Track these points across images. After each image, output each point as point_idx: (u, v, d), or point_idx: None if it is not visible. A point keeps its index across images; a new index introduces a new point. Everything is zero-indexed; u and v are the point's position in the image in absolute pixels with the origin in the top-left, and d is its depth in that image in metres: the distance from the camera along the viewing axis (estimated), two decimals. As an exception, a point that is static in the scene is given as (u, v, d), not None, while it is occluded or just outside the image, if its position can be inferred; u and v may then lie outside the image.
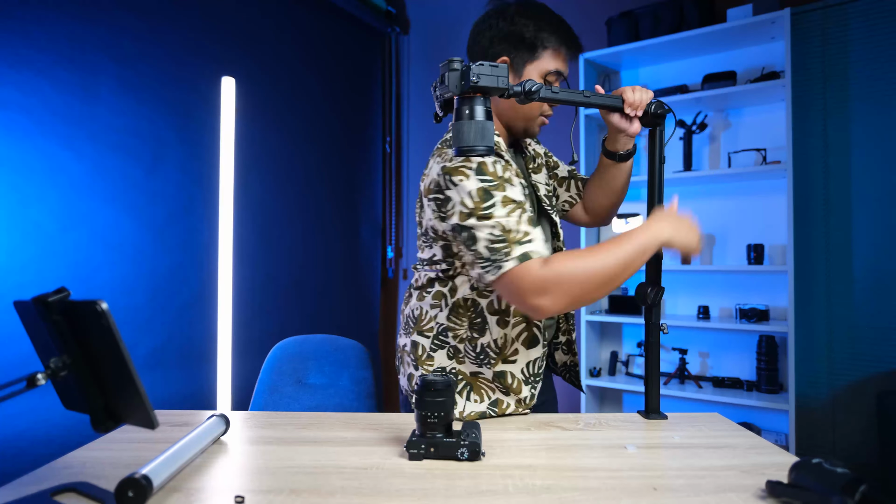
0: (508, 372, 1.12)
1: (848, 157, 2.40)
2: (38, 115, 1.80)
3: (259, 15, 2.63)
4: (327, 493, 0.74)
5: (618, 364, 2.83)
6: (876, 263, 2.34)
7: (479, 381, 1.13)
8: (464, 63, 0.96)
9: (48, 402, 1.69)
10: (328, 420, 1.09)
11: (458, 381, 1.14)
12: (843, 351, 2.40)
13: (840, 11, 2.40)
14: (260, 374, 1.64)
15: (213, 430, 0.92)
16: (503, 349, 1.11)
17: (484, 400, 1.13)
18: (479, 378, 1.13)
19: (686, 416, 1.11)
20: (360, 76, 3.35)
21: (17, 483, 0.77)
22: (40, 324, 0.68)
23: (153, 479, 0.70)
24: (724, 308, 2.62)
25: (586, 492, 0.74)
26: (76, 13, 1.89)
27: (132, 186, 2.05)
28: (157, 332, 2.12)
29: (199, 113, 2.30)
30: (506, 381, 1.12)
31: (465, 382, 1.14)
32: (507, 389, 1.12)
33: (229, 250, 2.19)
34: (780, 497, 0.71)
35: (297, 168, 2.85)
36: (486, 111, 0.98)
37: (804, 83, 2.47)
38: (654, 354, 1.12)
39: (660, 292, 1.09)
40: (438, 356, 1.16)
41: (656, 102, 1.13)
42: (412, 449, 0.86)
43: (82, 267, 1.90)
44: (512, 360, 1.12)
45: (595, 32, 2.95)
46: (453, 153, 1.01)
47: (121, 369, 0.65)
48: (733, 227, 2.62)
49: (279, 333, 1.81)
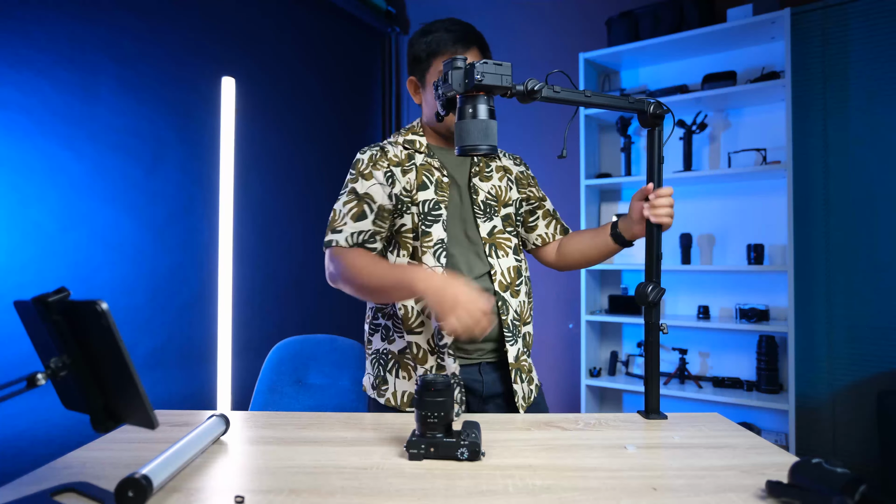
0: (414, 343, 1.20)
1: (848, 157, 2.40)
2: (38, 115, 1.80)
3: (259, 15, 2.63)
4: (327, 493, 0.74)
5: (618, 364, 2.83)
6: (876, 263, 2.34)
7: (405, 359, 1.22)
8: (467, 61, 0.96)
9: (48, 402, 1.69)
10: (328, 420, 1.09)
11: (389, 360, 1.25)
12: (843, 351, 2.40)
13: (840, 11, 2.40)
14: (260, 374, 1.64)
15: (212, 430, 0.92)
16: (405, 321, 1.20)
17: (412, 377, 1.21)
18: (404, 354, 1.22)
19: (686, 416, 1.11)
20: (360, 76, 3.34)
21: (17, 483, 0.77)
22: (40, 324, 0.68)
23: (153, 479, 0.70)
24: (724, 308, 2.62)
25: (586, 492, 0.74)
26: (76, 13, 1.89)
27: (132, 186, 2.05)
28: (157, 332, 2.12)
29: (199, 113, 2.30)
30: (413, 352, 1.20)
31: (394, 361, 1.24)
32: (414, 361, 1.20)
33: (229, 250, 2.20)
34: (780, 497, 0.71)
35: (297, 168, 2.85)
36: (490, 110, 0.98)
37: (804, 83, 2.47)
38: (654, 354, 1.12)
39: (660, 292, 1.09)
40: (375, 340, 1.29)
41: (655, 103, 1.13)
42: (412, 449, 0.86)
43: (82, 267, 1.90)
44: (418, 332, 1.20)
45: (595, 32, 2.95)
46: (456, 152, 1.02)
47: (121, 369, 0.64)
48: (733, 227, 2.62)
49: (279, 333, 1.80)
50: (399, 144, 1.29)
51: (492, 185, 1.31)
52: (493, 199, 1.31)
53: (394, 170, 1.24)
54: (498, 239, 1.28)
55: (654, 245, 1.12)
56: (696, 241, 2.69)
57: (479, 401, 1.24)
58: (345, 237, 1.20)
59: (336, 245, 1.20)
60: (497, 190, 1.32)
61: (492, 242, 1.27)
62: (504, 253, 1.28)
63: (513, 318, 1.25)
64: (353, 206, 1.21)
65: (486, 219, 1.28)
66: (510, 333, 1.23)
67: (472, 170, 1.31)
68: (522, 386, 1.26)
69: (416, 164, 1.25)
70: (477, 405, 1.24)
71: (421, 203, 1.22)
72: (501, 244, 1.28)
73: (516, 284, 1.27)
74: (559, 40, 3.10)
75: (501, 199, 1.32)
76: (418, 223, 1.21)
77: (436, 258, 1.20)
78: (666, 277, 2.77)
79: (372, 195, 1.21)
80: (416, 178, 1.24)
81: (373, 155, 1.26)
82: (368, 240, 1.21)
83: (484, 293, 1.05)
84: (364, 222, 1.20)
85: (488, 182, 1.31)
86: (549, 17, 3.13)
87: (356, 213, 1.20)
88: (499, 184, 1.33)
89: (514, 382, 1.23)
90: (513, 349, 1.24)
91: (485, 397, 1.24)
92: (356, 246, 1.20)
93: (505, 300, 1.24)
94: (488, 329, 1.02)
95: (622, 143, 2.77)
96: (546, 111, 3.08)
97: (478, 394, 1.23)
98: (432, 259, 1.19)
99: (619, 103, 1.12)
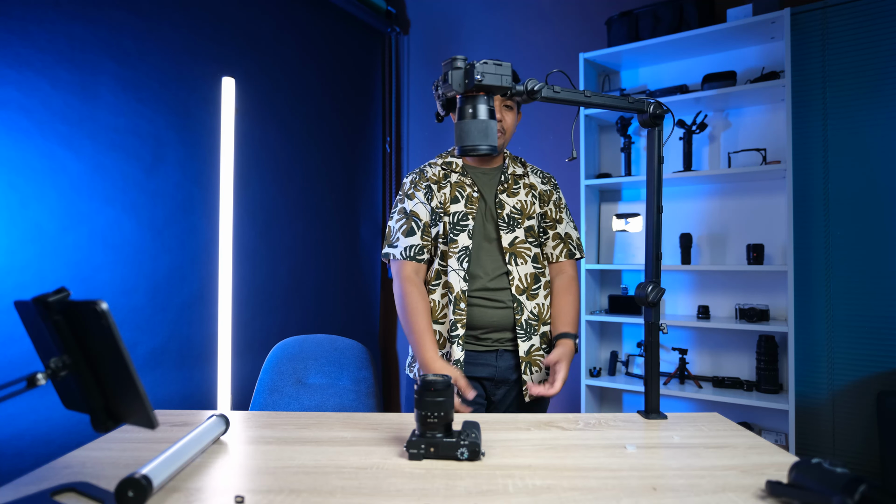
0: (438, 330, 1.43)
1: (848, 157, 2.40)
2: (38, 115, 1.80)
3: (259, 15, 2.63)
4: (327, 493, 0.74)
5: (618, 364, 2.83)
6: (876, 263, 2.34)
7: None
8: (467, 61, 0.96)
9: (48, 402, 1.69)
10: (328, 420, 1.09)
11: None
12: (843, 351, 2.40)
13: (840, 11, 2.40)
14: (260, 374, 1.64)
15: (212, 430, 0.92)
16: (434, 311, 1.44)
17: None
18: None
19: (686, 416, 1.11)
20: (361, 76, 3.34)
21: (17, 483, 0.77)
22: (40, 324, 0.68)
23: (153, 479, 0.70)
24: (724, 308, 2.62)
25: (586, 492, 0.74)
26: (76, 13, 1.89)
27: (132, 186, 2.05)
28: (156, 332, 2.12)
29: (199, 113, 2.30)
30: (437, 339, 1.43)
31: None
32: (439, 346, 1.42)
33: (229, 250, 2.19)
34: (779, 497, 0.71)
35: (297, 168, 2.85)
36: (490, 110, 0.98)
37: (804, 83, 2.47)
38: (654, 354, 1.12)
39: (660, 292, 1.09)
40: None
41: (655, 103, 1.13)
42: (412, 449, 0.86)
43: (82, 267, 1.89)
44: (441, 322, 1.44)
45: (595, 32, 2.95)
46: (456, 152, 1.02)
47: (121, 369, 0.65)
48: (733, 227, 2.62)
49: (279, 333, 1.81)
50: (437, 165, 1.50)
51: (517, 199, 1.49)
52: (518, 212, 1.48)
53: (432, 186, 1.45)
54: (518, 248, 1.46)
55: (654, 245, 1.12)
56: (696, 241, 2.69)
57: (492, 384, 1.45)
58: (399, 251, 1.43)
59: (394, 258, 1.44)
60: (522, 204, 1.49)
61: (512, 252, 1.45)
62: (523, 261, 1.46)
63: (527, 318, 1.43)
64: (403, 223, 1.44)
65: (509, 230, 1.45)
66: (522, 331, 1.43)
67: (500, 187, 1.48)
68: (532, 377, 1.43)
69: (451, 182, 1.46)
70: (490, 387, 1.45)
71: (452, 214, 1.43)
72: (521, 253, 1.46)
73: (533, 289, 1.45)
74: (559, 40, 3.09)
75: (526, 213, 1.49)
76: (448, 231, 1.42)
77: (459, 262, 1.41)
78: (666, 277, 2.77)
79: (417, 213, 1.44)
80: (450, 193, 1.44)
81: (414, 178, 1.49)
82: (418, 252, 1.43)
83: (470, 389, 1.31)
84: (413, 237, 1.43)
85: (514, 197, 1.49)
86: (549, 17, 3.13)
87: (406, 230, 1.43)
88: (524, 199, 1.50)
89: (523, 373, 1.42)
90: (524, 344, 1.43)
91: (497, 381, 1.44)
92: (409, 259, 1.43)
93: (520, 302, 1.43)
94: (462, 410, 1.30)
95: (622, 143, 2.77)
96: (546, 111, 3.08)
97: (490, 377, 1.44)
98: (456, 262, 1.40)
99: (619, 103, 1.12)
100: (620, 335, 2.90)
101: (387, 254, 1.46)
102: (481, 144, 0.97)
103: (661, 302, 1.32)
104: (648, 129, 1.14)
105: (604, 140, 2.94)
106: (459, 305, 1.40)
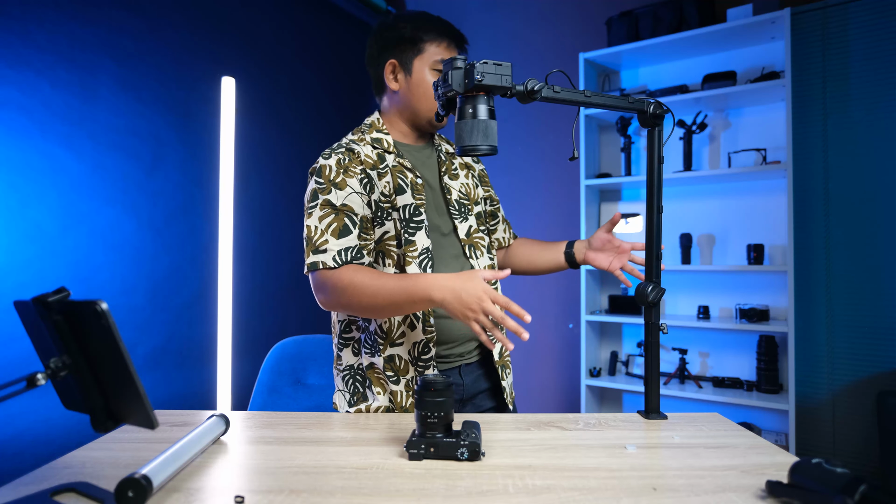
0: (396, 355, 1.15)
1: (848, 156, 2.40)
2: (38, 115, 1.80)
3: (259, 15, 2.63)
4: (327, 493, 0.74)
5: (618, 364, 2.83)
6: (876, 263, 2.34)
7: (376, 374, 1.17)
8: (467, 61, 0.96)
9: (48, 402, 1.69)
10: (328, 420, 1.09)
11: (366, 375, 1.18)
12: (843, 351, 2.40)
13: (840, 11, 2.40)
14: (259, 375, 1.64)
15: (212, 431, 0.92)
16: (389, 333, 1.15)
17: (385, 392, 1.16)
18: (375, 369, 1.17)
19: (686, 416, 1.11)
20: (360, 75, 3.34)
21: (17, 483, 0.77)
22: (40, 324, 0.68)
23: (153, 479, 0.70)
24: (724, 308, 2.62)
25: (586, 492, 0.74)
26: (76, 13, 1.89)
27: (132, 186, 2.05)
28: (156, 332, 2.12)
29: (199, 113, 2.30)
30: (395, 364, 1.15)
31: (373, 375, 1.18)
32: (396, 373, 1.15)
33: (229, 250, 2.19)
34: (780, 497, 0.71)
35: (297, 168, 2.85)
36: (490, 110, 0.98)
37: (804, 83, 2.47)
38: (654, 354, 1.12)
39: (660, 292, 1.09)
40: (345, 354, 1.21)
41: (655, 103, 1.13)
42: (412, 449, 0.86)
43: (82, 267, 1.90)
44: (399, 343, 1.15)
45: (595, 32, 2.95)
46: (456, 152, 1.02)
47: (121, 369, 0.64)
48: (733, 227, 2.62)
49: (278, 333, 1.81)
50: (367, 143, 1.20)
51: (461, 183, 1.29)
52: (465, 197, 1.28)
53: (370, 173, 1.15)
54: (475, 239, 1.27)
55: (654, 245, 1.12)
56: (696, 241, 2.69)
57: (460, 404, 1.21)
58: (331, 256, 1.08)
59: (323, 267, 1.07)
60: (466, 188, 1.30)
61: (470, 243, 1.26)
62: (480, 252, 1.27)
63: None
64: (332, 220, 1.10)
65: (462, 219, 1.26)
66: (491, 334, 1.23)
67: (441, 169, 1.27)
68: (507, 381, 1.28)
69: (389, 166, 1.17)
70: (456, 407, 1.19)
71: (401, 209, 1.15)
72: (478, 244, 1.27)
73: (492, 284, 1.22)
74: (559, 40, 3.09)
75: (472, 198, 1.30)
76: (401, 230, 1.15)
77: (421, 268, 1.15)
78: (666, 277, 2.77)
79: (351, 206, 1.11)
80: (392, 181, 1.16)
81: (340, 159, 1.14)
82: (357, 256, 1.10)
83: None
84: (349, 238, 1.10)
85: (457, 181, 1.29)
86: (549, 17, 3.13)
87: (337, 229, 1.09)
88: (466, 181, 1.31)
89: (501, 379, 1.25)
90: (496, 346, 1.23)
91: (465, 399, 1.22)
92: (346, 265, 1.08)
93: None
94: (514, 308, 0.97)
95: (622, 143, 2.77)
96: (546, 111, 3.08)
97: (458, 398, 1.21)
98: (417, 269, 1.14)
99: (619, 103, 1.12)
100: (620, 335, 2.90)
101: (313, 263, 1.08)
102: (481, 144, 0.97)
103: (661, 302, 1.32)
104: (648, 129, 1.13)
105: (604, 140, 2.94)
106: (429, 321, 1.15)
